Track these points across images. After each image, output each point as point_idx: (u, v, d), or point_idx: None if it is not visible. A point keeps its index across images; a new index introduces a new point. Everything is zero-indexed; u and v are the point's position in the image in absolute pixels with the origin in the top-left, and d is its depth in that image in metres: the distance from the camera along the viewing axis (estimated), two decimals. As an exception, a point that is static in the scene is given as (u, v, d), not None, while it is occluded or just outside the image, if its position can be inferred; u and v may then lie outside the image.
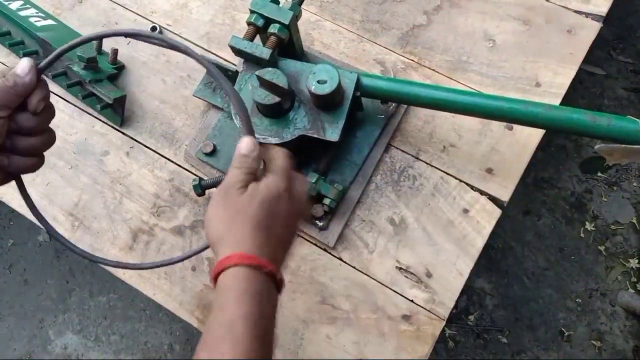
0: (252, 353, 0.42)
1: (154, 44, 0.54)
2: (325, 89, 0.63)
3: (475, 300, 1.53)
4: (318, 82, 0.64)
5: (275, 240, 0.49)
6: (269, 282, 0.46)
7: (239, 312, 0.43)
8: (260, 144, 0.53)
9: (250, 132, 0.52)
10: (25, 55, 0.84)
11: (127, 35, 0.53)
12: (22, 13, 0.87)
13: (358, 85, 0.69)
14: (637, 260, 1.50)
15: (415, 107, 0.79)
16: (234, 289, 0.44)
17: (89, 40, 0.50)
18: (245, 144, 0.51)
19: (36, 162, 0.52)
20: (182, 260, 0.59)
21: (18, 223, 1.73)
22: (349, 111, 0.68)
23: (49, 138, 0.52)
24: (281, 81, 0.64)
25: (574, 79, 0.79)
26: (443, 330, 1.50)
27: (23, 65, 0.47)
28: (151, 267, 0.60)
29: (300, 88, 0.68)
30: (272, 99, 0.64)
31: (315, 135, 0.67)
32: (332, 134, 0.67)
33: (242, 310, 0.43)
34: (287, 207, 0.50)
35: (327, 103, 0.67)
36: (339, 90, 0.65)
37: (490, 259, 1.55)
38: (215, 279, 0.47)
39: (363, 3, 0.86)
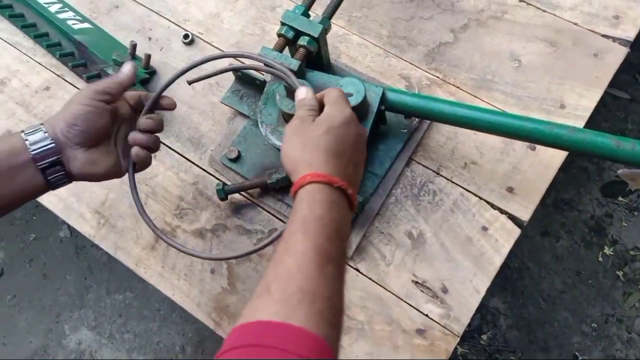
0: (320, 247, 0.47)
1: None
2: (351, 102, 0.64)
3: (489, 320, 1.52)
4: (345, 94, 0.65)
5: (346, 161, 0.56)
6: (341, 196, 0.53)
7: (311, 213, 0.50)
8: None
9: (301, 84, 0.63)
10: (61, 56, 0.87)
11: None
12: (60, 16, 0.91)
13: (383, 99, 0.70)
14: (656, 288, 1.47)
15: (438, 123, 0.80)
16: (308, 199, 0.51)
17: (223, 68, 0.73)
18: (300, 90, 0.61)
19: (148, 156, 0.65)
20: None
21: (41, 218, 1.77)
22: (373, 124, 0.69)
23: (156, 141, 0.66)
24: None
25: (598, 102, 0.79)
26: (455, 348, 1.50)
27: (128, 65, 0.63)
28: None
29: None
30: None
31: None
32: None
33: (315, 212, 0.50)
34: (351, 130, 0.57)
35: None
36: (364, 103, 0.66)
37: (507, 278, 1.54)
38: (294, 198, 0.53)
39: (391, 19, 0.88)
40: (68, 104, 0.60)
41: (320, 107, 0.60)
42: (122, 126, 0.65)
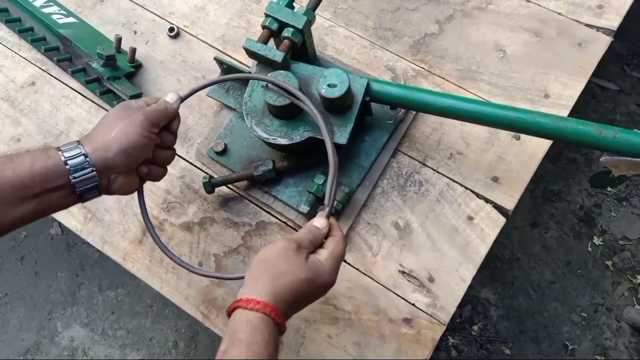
0: None
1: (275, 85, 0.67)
2: (334, 93, 0.65)
3: (480, 311, 1.53)
4: (328, 85, 0.65)
5: (299, 306, 0.55)
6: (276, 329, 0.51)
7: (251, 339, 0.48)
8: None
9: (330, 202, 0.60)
10: (46, 50, 0.87)
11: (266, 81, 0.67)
12: (45, 10, 0.90)
13: (368, 90, 0.70)
14: (644, 277, 1.49)
15: (424, 114, 0.80)
16: (254, 333, 0.49)
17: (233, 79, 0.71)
18: (320, 219, 0.59)
19: (165, 172, 0.66)
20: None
21: (31, 216, 1.76)
22: (358, 115, 0.69)
23: (174, 153, 0.67)
24: (292, 83, 0.66)
25: (587, 94, 0.80)
26: (446, 339, 1.51)
27: (172, 95, 0.64)
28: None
29: (311, 91, 0.70)
30: (282, 100, 0.66)
31: (324, 137, 0.68)
32: (341, 137, 0.69)
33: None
34: (325, 291, 0.57)
35: (337, 107, 0.69)
36: (348, 94, 0.66)
37: (497, 269, 1.55)
38: (230, 312, 0.52)
39: (376, 11, 0.88)
40: (124, 129, 0.57)
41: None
42: None
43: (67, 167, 0.54)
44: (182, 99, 0.65)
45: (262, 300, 0.50)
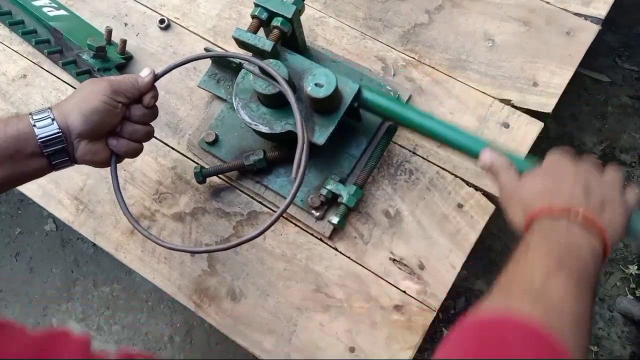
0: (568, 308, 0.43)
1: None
2: (319, 93, 0.64)
3: (474, 302, 1.53)
4: (315, 84, 0.65)
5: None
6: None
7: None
8: None
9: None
10: (37, 43, 0.87)
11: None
12: (36, 3, 0.90)
13: (358, 96, 0.70)
14: (636, 267, 1.50)
15: (415, 103, 0.81)
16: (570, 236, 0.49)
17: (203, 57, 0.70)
18: (484, 155, 0.63)
19: (138, 148, 0.66)
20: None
21: (26, 212, 1.76)
22: (342, 119, 0.69)
23: (150, 131, 0.67)
24: (282, 72, 0.66)
25: (578, 86, 0.80)
26: (441, 331, 1.51)
27: (145, 70, 0.64)
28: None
29: (302, 85, 0.70)
30: (272, 89, 0.66)
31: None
32: (319, 137, 0.68)
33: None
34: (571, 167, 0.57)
35: (321, 107, 0.68)
36: (334, 96, 0.66)
37: (491, 260, 1.56)
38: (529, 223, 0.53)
39: (366, 1, 0.88)
40: (84, 95, 0.60)
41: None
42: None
43: (35, 127, 0.58)
44: (158, 76, 0.66)
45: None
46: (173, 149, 0.83)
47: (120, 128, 0.64)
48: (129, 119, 0.64)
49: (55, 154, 0.59)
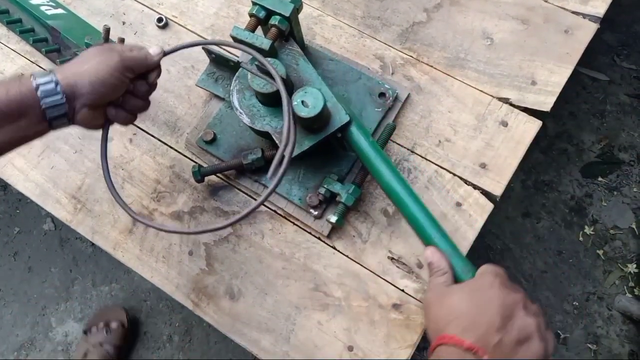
0: None
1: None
2: (302, 112, 0.63)
3: (473, 301, 1.53)
4: (302, 102, 0.63)
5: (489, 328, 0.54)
6: None
7: None
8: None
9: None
10: (35, 42, 0.86)
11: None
12: (33, 1, 0.90)
13: (344, 128, 0.68)
14: (635, 265, 1.50)
15: (413, 102, 0.81)
16: None
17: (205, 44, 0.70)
18: (427, 252, 0.65)
19: (133, 118, 0.67)
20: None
21: (24, 211, 1.76)
22: (321, 142, 0.68)
23: (147, 104, 0.68)
24: (280, 70, 0.66)
25: (577, 85, 0.80)
26: (440, 330, 1.52)
27: (155, 48, 0.65)
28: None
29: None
30: (269, 88, 0.66)
31: (276, 141, 0.68)
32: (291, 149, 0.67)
33: None
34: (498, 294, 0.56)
35: (303, 124, 0.67)
36: (315, 119, 0.64)
37: (489, 260, 1.56)
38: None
39: (365, -1, 0.88)
40: (95, 65, 0.59)
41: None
42: None
43: (39, 92, 0.56)
44: (166, 53, 0.67)
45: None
46: (171, 147, 0.83)
47: (122, 100, 0.64)
48: (131, 93, 0.65)
49: (57, 118, 0.59)
